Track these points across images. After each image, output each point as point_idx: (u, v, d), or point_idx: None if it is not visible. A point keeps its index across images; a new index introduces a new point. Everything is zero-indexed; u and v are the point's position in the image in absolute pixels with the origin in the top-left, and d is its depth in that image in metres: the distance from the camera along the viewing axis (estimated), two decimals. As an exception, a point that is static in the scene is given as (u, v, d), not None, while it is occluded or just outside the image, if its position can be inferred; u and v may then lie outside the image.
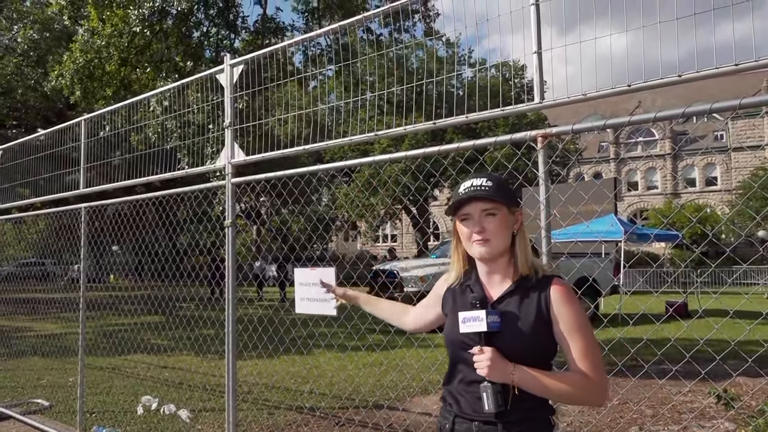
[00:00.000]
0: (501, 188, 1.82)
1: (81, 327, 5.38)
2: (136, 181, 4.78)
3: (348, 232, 41.84)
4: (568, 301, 1.76)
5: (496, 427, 1.73)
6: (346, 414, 5.96)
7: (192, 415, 5.95)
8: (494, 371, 1.69)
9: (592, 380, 1.70)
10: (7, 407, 6.35)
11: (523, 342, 1.74)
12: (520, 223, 1.86)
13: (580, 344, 1.72)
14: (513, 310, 1.77)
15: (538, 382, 1.69)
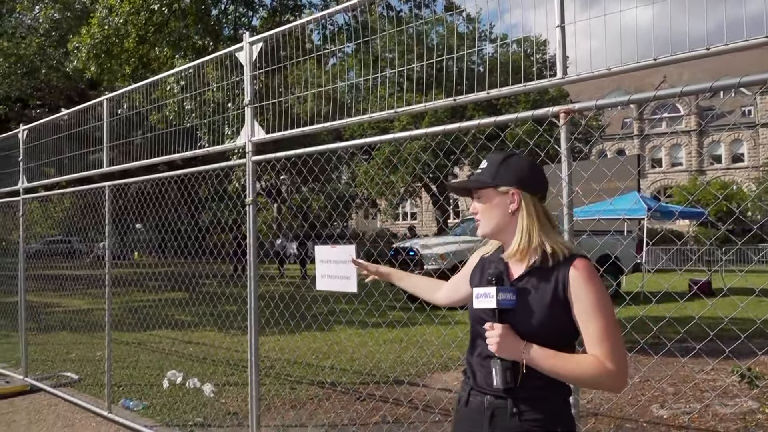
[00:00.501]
0: (492, 170, 1.84)
1: (107, 303, 5.49)
2: (158, 159, 4.82)
3: (368, 209, 41.89)
4: (586, 282, 1.70)
5: (506, 402, 1.74)
6: (366, 389, 6.03)
7: (216, 389, 6.07)
8: (503, 348, 1.70)
9: (606, 366, 1.64)
10: (39, 380, 6.54)
11: (537, 321, 1.72)
12: (517, 203, 1.82)
13: (596, 327, 1.67)
14: (530, 288, 1.76)
15: (549, 362, 1.68)
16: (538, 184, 1.84)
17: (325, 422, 5.09)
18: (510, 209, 1.83)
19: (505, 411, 1.74)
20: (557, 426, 1.71)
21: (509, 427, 1.73)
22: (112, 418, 5.23)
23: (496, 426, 1.76)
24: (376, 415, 5.21)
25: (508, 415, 1.73)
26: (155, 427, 4.93)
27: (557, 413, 1.74)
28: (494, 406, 1.76)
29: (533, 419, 1.71)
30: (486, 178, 1.85)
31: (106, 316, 5.50)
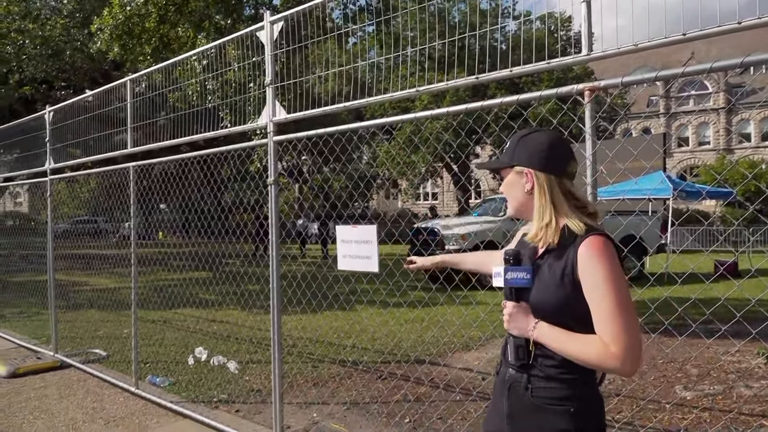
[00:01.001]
0: (512, 151, 1.84)
1: (133, 282, 5.59)
2: (181, 140, 4.86)
3: (389, 189, 41.85)
4: (594, 258, 1.63)
5: (522, 377, 1.76)
6: (388, 368, 6.08)
7: (240, 366, 6.17)
8: (513, 325, 1.74)
9: (610, 350, 1.57)
10: (68, 356, 6.71)
11: (548, 300, 1.69)
12: (531, 182, 1.79)
13: (599, 308, 1.61)
14: (546, 268, 1.73)
15: (554, 341, 1.66)
16: (555, 163, 1.78)
17: (346, 400, 5.16)
18: (526, 189, 1.81)
19: (519, 384, 1.76)
20: (570, 405, 1.68)
21: (523, 400, 1.75)
22: (139, 393, 5.35)
23: (512, 398, 1.78)
24: (397, 393, 5.26)
25: (522, 388, 1.75)
26: (181, 403, 5.03)
27: (571, 393, 1.69)
28: (512, 379, 1.79)
29: (545, 396, 1.70)
30: (504, 158, 1.86)
31: (132, 295, 5.60)
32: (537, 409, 1.71)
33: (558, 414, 1.68)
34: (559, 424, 1.67)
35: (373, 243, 3.42)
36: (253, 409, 4.99)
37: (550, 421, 1.69)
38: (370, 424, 4.55)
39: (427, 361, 6.13)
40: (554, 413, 1.68)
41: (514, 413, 1.78)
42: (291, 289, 5.19)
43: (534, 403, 1.72)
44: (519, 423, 1.77)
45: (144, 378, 5.76)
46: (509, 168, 1.85)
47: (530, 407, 1.73)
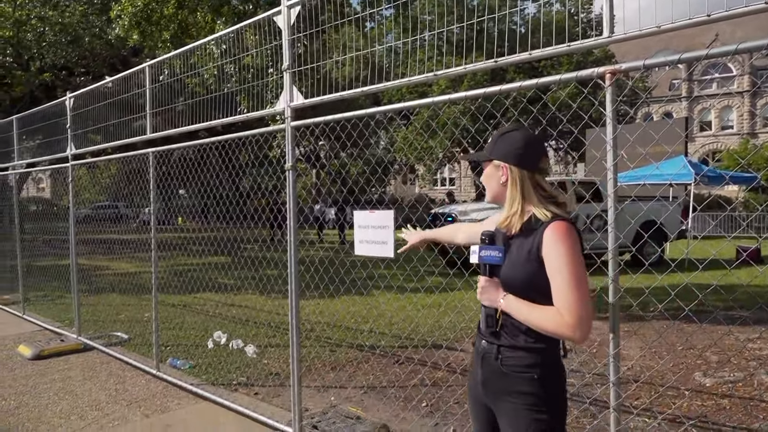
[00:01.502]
0: (492, 146, 2.07)
1: (153, 266, 5.66)
2: (199, 126, 4.88)
3: (406, 175, 41.76)
4: (556, 241, 1.86)
5: (493, 347, 2.00)
6: (405, 353, 6.11)
7: (258, 350, 6.24)
8: (484, 297, 1.98)
9: (564, 318, 1.80)
10: (91, 339, 6.84)
11: (516, 275, 1.93)
12: (506, 176, 2.03)
13: (557, 283, 1.83)
14: (515, 248, 1.97)
15: (519, 311, 1.90)
16: (528, 159, 2.01)
17: (364, 384, 5.20)
18: (501, 181, 2.05)
19: (491, 354, 2.01)
20: (533, 372, 1.90)
21: (493, 368, 1.99)
22: (160, 376, 5.45)
23: (485, 366, 2.04)
24: (415, 378, 5.29)
25: (493, 357, 1.99)
26: (201, 386, 5.11)
27: (534, 361, 1.92)
28: (485, 350, 2.04)
29: (513, 365, 1.94)
30: (485, 153, 2.10)
31: (152, 279, 5.68)
32: (505, 375, 1.96)
33: (523, 380, 1.92)
34: (525, 388, 1.92)
35: (390, 228, 3.42)
36: (272, 392, 5.05)
37: (517, 386, 1.93)
38: (387, 408, 4.59)
39: (444, 346, 6.14)
40: (521, 379, 1.92)
41: (487, 380, 2.03)
42: (309, 274, 5.23)
43: (503, 371, 1.96)
44: (491, 387, 2.02)
45: (165, 361, 5.85)
46: (488, 161, 2.09)
47: (500, 374, 1.97)
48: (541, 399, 1.91)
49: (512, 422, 1.95)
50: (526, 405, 1.91)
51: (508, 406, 1.96)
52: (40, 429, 4.35)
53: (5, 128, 8.83)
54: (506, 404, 1.96)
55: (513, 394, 1.94)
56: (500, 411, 2.00)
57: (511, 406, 1.95)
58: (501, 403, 1.99)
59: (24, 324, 8.11)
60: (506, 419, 1.98)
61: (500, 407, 2.00)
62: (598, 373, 5.40)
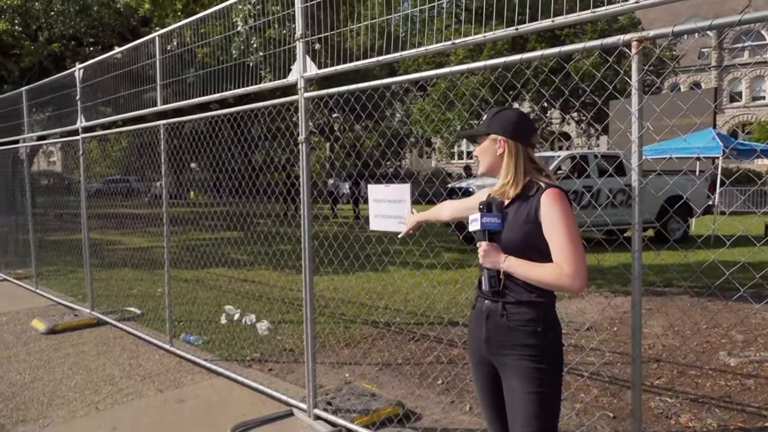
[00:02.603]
0: (489, 122, 2.29)
1: (165, 241, 5.73)
2: (210, 97, 4.88)
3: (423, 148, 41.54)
4: (551, 206, 2.10)
5: (498, 304, 2.21)
6: (420, 330, 6.15)
7: (272, 326, 6.32)
8: (487, 260, 2.19)
9: (564, 269, 2.04)
10: (104, 314, 6.96)
11: (514, 239, 2.16)
12: (503, 148, 2.26)
13: (556, 240, 2.08)
14: (512, 214, 2.21)
15: (521, 269, 2.12)
16: (523, 134, 2.25)
17: (379, 361, 5.25)
18: (498, 152, 2.27)
19: (496, 312, 2.21)
20: (537, 325, 2.14)
21: (499, 325, 2.20)
22: (173, 351, 5.54)
23: (489, 324, 2.24)
24: (430, 355, 5.33)
25: (498, 314, 2.20)
26: (215, 361, 5.20)
27: (537, 315, 2.15)
28: (489, 308, 2.24)
29: (518, 319, 2.16)
30: (482, 128, 2.32)
31: (165, 254, 5.74)
32: (510, 329, 2.17)
33: (527, 333, 2.14)
34: (529, 340, 2.14)
35: (406, 203, 3.41)
36: (286, 368, 5.12)
37: (521, 339, 2.15)
38: (402, 385, 4.64)
39: (460, 323, 6.17)
40: (524, 332, 2.15)
41: (491, 336, 2.23)
42: (322, 250, 5.25)
43: (508, 325, 2.17)
44: (495, 342, 2.22)
45: (178, 336, 5.95)
46: (485, 136, 2.31)
47: (505, 328, 2.18)
48: (544, 350, 2.14)
49: (516, 372, 2.16)
50: (530, 356, 2.13)
51: (512, 359, 2.17)
52: (54, 403, 4.46)
53: (15, 100, 8.89)
54: (510, 357, 2.17)
55: (517, 347, 2.16)
56: (504, 364, 2.21)
57: (516, 358, 2.16)
58: (505, 357, 2.19)
59: (37, 299, 8.27)
60: (510, 371, 2.18)
61: (504, 361, 2.20)
62: (619, 351, 5.40)
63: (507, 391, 2.20)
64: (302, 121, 3.95)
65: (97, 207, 8.85)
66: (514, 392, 2.16)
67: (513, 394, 2.17)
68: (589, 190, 10.92)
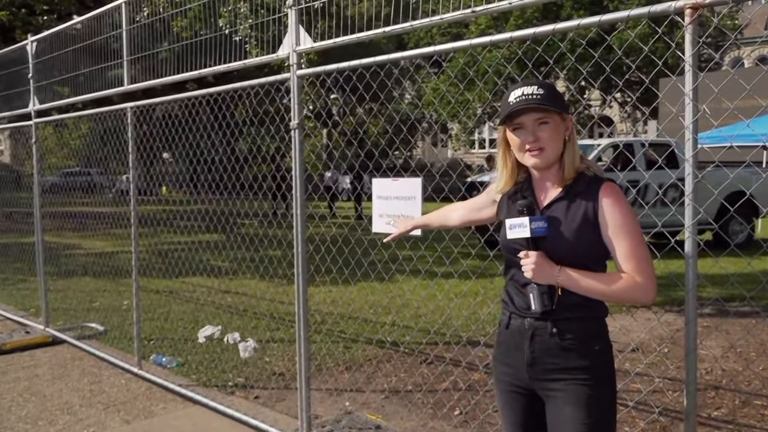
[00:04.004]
0: (552, 95, 2.16)
1: (133, 245, 5.75)
2: (186, 75, 4.89)
3: (437, 135, 41.51)
4: (615, 205, 2.09)
5: (546, 324, 2.15)
6: (434, 350, 6.15)
7: (259, 346, 6.34)
8: (539, 274, 2.12)
9: (635, 280, 2.05)
10: (61, 331, 6.99)
11: (568, 245, 2.12)
12: (570, 129, 2.21)
13: (624, 246, 2.08)
14: (560, 215, 2.16)
15: (583, 282, 2.09)
16: None
17: (385, 387, 5.25)
18: (566, 136, 2.20)
19: (544, 331, 2.16)
20: (594, 344, 2.15)
21: (549, 345, 2.16)
22: (143, 375, 5.56)
23: (536, 345, 2.18)
24: (446, 380, 5.33)
25: (548, 334, 2.15)
26: (191, 387, 5.22)
27: (595, 332, 2.17)
28: (534, 327, 2.18)
29: (571, 338, 2.13)
30: (554, 105, 2.15)
31: (132, 260, 5.76)
32: (563, 350, 2.14)
33: (583, 352, 2.13)
34: (585, 361, 2.13)
35: (417, 200, 3.42)
36: (275, 395, 5.13)
37: (576, 360, 2.13)
38: (413, 416, 4.64)
39: (482, 342, 6.17)
40: (579, 352, 2.13)
41: (537, 358, 2.19)
42: (319, 255, 5.27)
43: (561, 345, 2.14)
44: (542, 367, 2.18)
45: (148, 357, 5.97)
46: (558, 115, 2.17)
47: (556, 349, 2.15)
48: (602, 372, 2.15)
49: (571, 400, 2.13)
50: (587, 379, 2.12)
51: (564, 384, 2.14)
52: (3, 435, 4.48)
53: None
54: (562, 383, 2.15)
55: (572, 371, 2.13)
56: (553, 391, 2.17)
57: (570, 383, 2.13)
58: (555, 383, 2.16)
59: (-18, 312, 8.31)
60: (563, 399, 2.14)
61: (553, 387, 2.17)
62: (670, 377, 5.39)
63: (557, 423, 2.17)
64: (295, 103, 3.96)
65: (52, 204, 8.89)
66: (568, 423, 2.13)
67: (566, 426, 2.14)
68: (635, 185, 10.90)
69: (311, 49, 3.88)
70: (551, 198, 2.22)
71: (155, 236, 14.84)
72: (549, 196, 2.24)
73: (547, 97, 2.14)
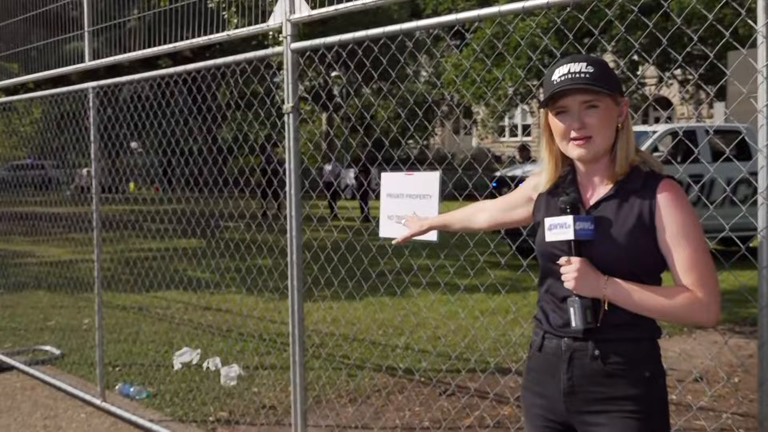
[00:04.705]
0: (604, 74, 2.13)
1: (96, 252, 5.75)
2: (159, 49, 4.91)
3: (459, 120, 41.48)
4: (676, 206, 2.07)
5: (587, 344, 2.14)
6: (456, 379, 6.13)
7: (245, 373, 6.34)
8: (582, 284, 2.08)
9: (697, 296, 2.03)
10: (9, 355, 7.01)
11: (618, 252, 2.11)
12: (626, 115, 2.19)
13: (686, 254, 2.06)
14: (610, 216, 2.14)
15: (635, 296, 2.06)
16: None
17: (397, 423, 5.25)
18: (618, 122, 2.17)
19: (585, 353, 2.15)
20: (644, 369, 2.12)
21: (590, 371, 2.14)
22: (107, 408, 5.57)
23: (574, 370, 2.17)
24: (470, 415, 5.32)
25: (589, 357, 2.14)
26: (164, 422, 5.22)
27: (645, 355, 2.15)
28: (573, 348, 2.17)
29: (617, 362, 2.11)
30: (603, 86, 2.12)
31: (95, 271, 5.77)
32: (608, 376, 2.11)
33: (632, 380, 2.11)
34: (633, 390, 2.10)
35: (435, 198, 3.41)
36: (265, 432, 5.14)
37: (623, 389, 2.10)
38: (431, 458, 4.64)
39: (513, 369, 6.15)
40: (627, 379, 2.11)
41: (577, 387, 2.16)
42: (317, 265, 5.26)
43: (605, 371, 2.12)
44: (582, 396, 2.16)
45: (113, 387, 5.97)
46: (609, 98, 2.14)
47: (599, 375, 2.13)
48: (653, 402, 2.13)
49: None
50: (635, 412, 2.09)
51: (609, 417, 2.12)
52: (-59, 479, 4.50)
53: None
54: (606, 416, 2.12)
55: (617, 401, 2.11)
56: (595, 425, 2.15)
57: (615, 416, 2.11)
58: (597, 416, 2.14)
59: None
60: None
61: (595, 421, 2.15)
62: (741, 412, 5.36)
63: None
64: (289, 82, 3.97)
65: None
66: None
67: None
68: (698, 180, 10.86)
69: (309, 18, 3.89)
70: (599, 196, 2.20)
71: (122, 242, 14.88)
72: (597, 193, 2.22)
73: (598, 76, 2.11)
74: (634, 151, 2.18)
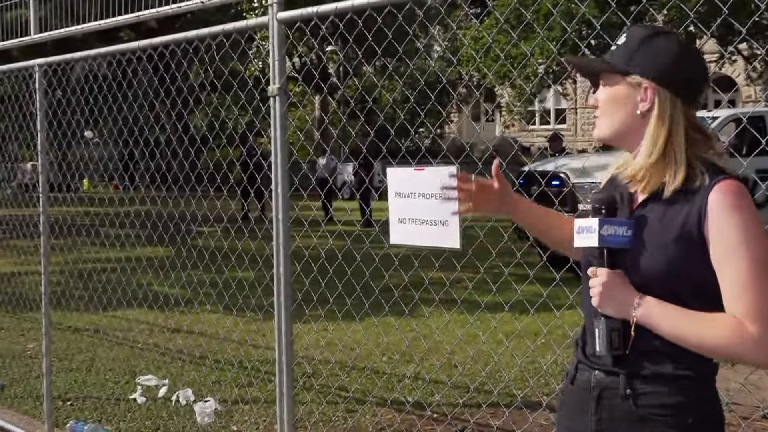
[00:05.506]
0: (628, 49, 2.14)
1: (43, 263, 5.76)
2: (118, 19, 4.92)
3: (480, 104, 41.52)
4: (730, 211, 1.97)
5: (619, 378, 2.09)
6: (476, 416, 6.14)
7: (222, 407, 6.35)
8: (607, 301, 2.05)
9: (743, 327, 1.92)
10: (-61, 387, 7.03)
11: (659, 266, 2.04)
12: (650, 101, 2.10)
13: (735, 274, 1.95)
14: (653, 220, 2.08)
15: (670, 321, 1.99)
16: (688, 83, 2.13)
17: (404, 468, 5.26)
18: (640, 109, 2.12)
19: (615, 392, 2.10)
20: (687, 414, 2.02)
21: (620, 412, 2.09)
22: (56, 450, 5.59)
23: (603, 411, 2.14)
24: (493, 459, 5.32)
25: (619, 397, 2.09)
26: (126, 468, 5.23)
27: (691, 398, 2.05)
28: (603, 385, 2.14)
29: (654, 404, 2.04)
30: (616, 61, 2.16)
31: (41, 286, 5.78)
32: (641, 420, 2.05)
33: (670, 426, 2.03)
34: None
35: (453, 197, 3.41)
36: (246, 479, 5.15)
37: None
38: None
39: (544, 404, 6.16)
40: (665, 425, 2.03)
41: (606, 430, 2.14)
42: (309, 278, 5.27)
43: (638, 414, 2.05)
44: None
45: (63, 424, 5.98)
46: (620, 75, 2.15)
47: (632, 420, 2.07)
48: None
49: None
50: None
51: None
52: None
53: None
54: None
55: None
56: None
57: None
58: None
59: None
60: None
61: None
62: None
63: None
64: (275, 59, 3.98)
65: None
66: None
67: None
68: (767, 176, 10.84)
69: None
70: (644, 197, 2.15)
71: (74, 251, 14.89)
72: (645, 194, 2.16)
73: (619, 53, 2.15)
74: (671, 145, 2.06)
